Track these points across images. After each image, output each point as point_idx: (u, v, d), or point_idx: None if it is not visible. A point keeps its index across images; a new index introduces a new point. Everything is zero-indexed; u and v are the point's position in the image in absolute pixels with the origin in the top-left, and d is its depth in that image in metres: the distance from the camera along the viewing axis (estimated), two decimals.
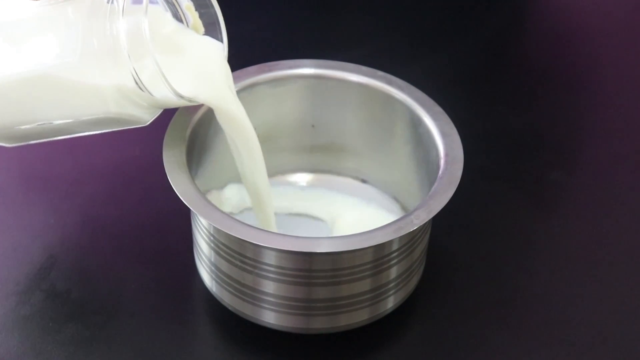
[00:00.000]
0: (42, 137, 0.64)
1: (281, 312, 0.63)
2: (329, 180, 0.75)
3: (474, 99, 0.85)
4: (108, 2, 0.58)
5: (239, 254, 0.61)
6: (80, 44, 0.58)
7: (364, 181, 0.74)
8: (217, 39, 0.63)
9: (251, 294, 0.62)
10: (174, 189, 0.61)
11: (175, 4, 0.62)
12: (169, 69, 0.58)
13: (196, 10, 0.62)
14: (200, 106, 0.66)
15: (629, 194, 0.77)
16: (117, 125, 0.61)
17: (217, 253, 0.63)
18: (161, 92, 0.59)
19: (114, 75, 0.58)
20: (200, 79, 0.62)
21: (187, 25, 0.63)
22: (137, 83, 0.58)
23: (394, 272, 0.63)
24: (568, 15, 0.97)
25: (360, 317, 0.64)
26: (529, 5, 0.76)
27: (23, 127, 0.63)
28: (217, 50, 0.63)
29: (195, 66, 0.62)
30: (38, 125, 0.62)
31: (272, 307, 0.62)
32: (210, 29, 0.63)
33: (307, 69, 0.71)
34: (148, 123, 0.61)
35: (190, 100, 0.60)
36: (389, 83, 0.70)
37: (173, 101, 0.60)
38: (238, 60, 0.66)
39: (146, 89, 0.58)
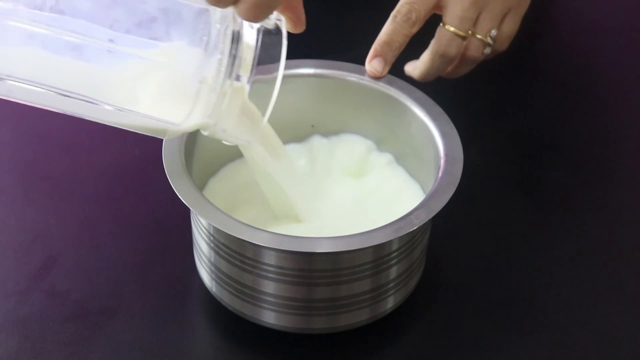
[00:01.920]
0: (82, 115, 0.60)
1: (281, 312, 0.63)
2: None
3: (474, 99, 0.85)
4: (225, 72, 0.57)
5: (239, 254, 0.61)
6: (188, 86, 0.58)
7: None
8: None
9: (251, 294, 0.62)
10: (174, 189, 0.61)
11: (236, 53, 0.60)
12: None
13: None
14: None
15: (629, 194, 0.77)
16: (153, 134, 0.60)
17: (217, 253, 0.63)
18: (234, 140, 0.62)
19: (209, 121, 0.59)
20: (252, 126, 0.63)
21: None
22: (224, 135, 0.60)
23: (393, 272, 0.63)
24: (568, 16, 0.97)
25: (360, 317, 0.64)
26: (529, 7, 0.76)
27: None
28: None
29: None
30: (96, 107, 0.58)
31: (272, 307, 0.62)
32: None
33: (307, 69, 0.71)
34: None
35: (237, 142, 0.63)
36: (389, 83, 0.70)
37: (231, 140, 0.62)
38: None
39: (228, 140, 0.61)
